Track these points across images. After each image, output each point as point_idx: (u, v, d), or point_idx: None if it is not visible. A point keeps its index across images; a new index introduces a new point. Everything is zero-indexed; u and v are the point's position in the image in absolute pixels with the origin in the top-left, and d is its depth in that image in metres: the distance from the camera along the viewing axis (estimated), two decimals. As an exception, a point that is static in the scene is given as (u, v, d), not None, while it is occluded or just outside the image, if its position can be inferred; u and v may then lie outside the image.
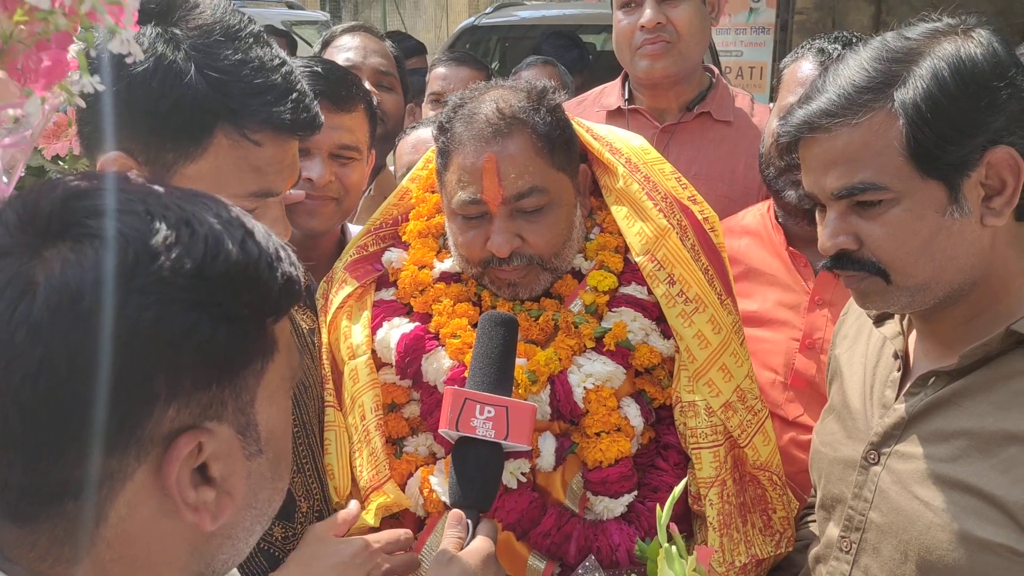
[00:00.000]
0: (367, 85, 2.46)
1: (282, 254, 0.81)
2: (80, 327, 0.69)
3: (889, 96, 1.24)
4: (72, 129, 1.40)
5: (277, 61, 1.34)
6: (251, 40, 1.32)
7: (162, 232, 0.73)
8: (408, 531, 1.51)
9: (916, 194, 1.25)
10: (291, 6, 12.90)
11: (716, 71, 2.70)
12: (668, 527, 1.29)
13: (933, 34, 1.27)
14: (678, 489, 1.31)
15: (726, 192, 2.34)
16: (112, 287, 0.70)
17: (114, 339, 0.69)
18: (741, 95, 2.69)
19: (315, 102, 1.38)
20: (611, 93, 2.73)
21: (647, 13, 2.47)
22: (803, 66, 2.01)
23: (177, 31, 1.28)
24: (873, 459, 1.39)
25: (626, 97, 2.67)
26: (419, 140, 2.47)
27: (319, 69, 1.96)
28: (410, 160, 2.44)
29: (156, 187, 0.79)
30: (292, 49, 5.21)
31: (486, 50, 6.66)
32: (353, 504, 1.51)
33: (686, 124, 2.58)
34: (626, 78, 2.71)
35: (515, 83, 1.64)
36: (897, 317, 1.46)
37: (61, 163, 1.49)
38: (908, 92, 1.22)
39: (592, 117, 2.59)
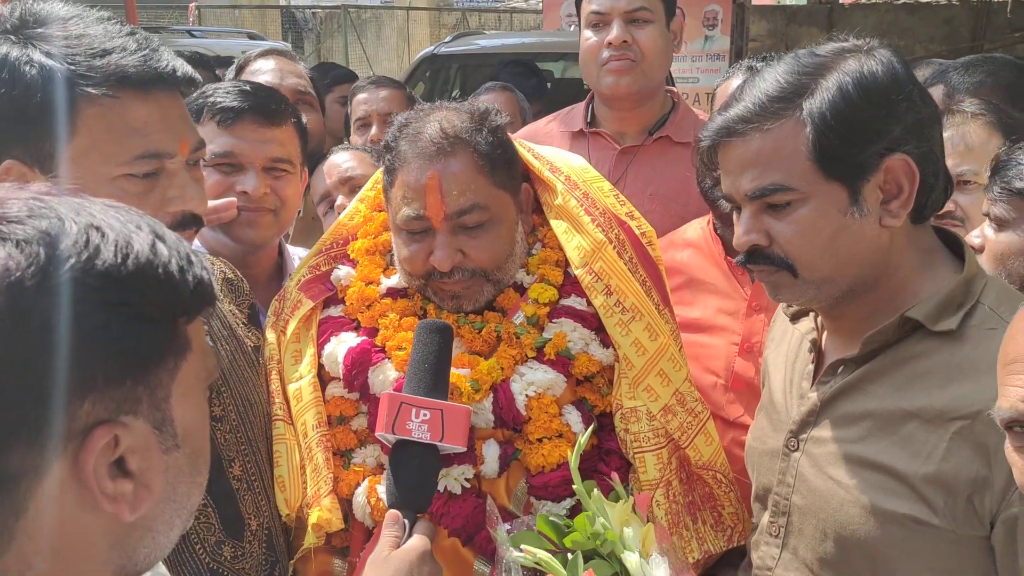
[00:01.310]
0: None
1: (193, 258, 0.84)
2: None
3: (798, 105, 1.34)
4: None
5: (126, 31, 1.37)
6: (92, 20, 1.36)
7: (72, 235, 0.76)
8: None
9: (820, 195, 1.35)
10: (253, 37, 12.93)
11: (677, 94, 2.78)
12: (610, 476, 1.44)
13: (840, 52, 1.38)
14: (583, 439, 1.42)
15: (680, 212, 2.40)
16: (23, 288, 0.72)
17: (26, 338, 0.72)
18: (705, 117, 2.77)
19: (169, 57, 1.39)
20: (575, 115, 2.80)
21: (614, 30, 2.56)
22: (734, 83, 2.12)
23: (19, 35, 1.32)
24: (793, 446, 1.48)
25: (588, 120, 2.75)
26: (330, 165, 2.52)
27: (247, 88, 2.02)
28: (323, 188, 2.50)
29: (69, 196, 0.83)
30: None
31: (446, 78, 6.74)
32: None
33: (646, 147, 2.65)
34: (590, 102, 2.78)
35: (459, 105, 1.69)
36: (812, 315, 1.55)
37: None
38: (815, 102, 1.33)
39: (556, 137, 2.67)
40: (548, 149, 1.84)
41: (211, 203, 1.50)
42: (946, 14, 9.18)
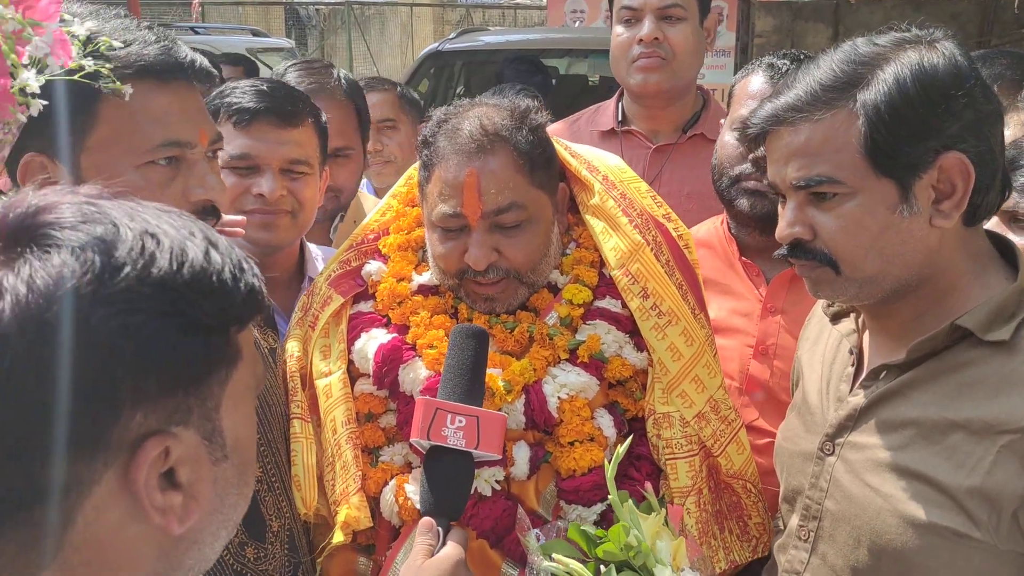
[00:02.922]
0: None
1: (244, 265, 0.83)
2: (47, 336, 0.70)
3: (852, 96, 1.30)
4: None
5: (143, 25, 1.40)
6: (110, 16, 1.39)
7: (127, 242, 0.75)
8: None
9: (869, 191, 1.31)
10: (256, 34, 12.94)
11: (708, 91, 2.75)
12: (644, 487, 1.42)
13: (900, 42, 1.33)
14: (621, 448, 1.39)
15: (720, 209, 2.38)
16: (79, 296, 0.71)
17: (81, 347, 0.71)
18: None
19: (187, 50, 1.42)
20: (604, 114, 2.77)
21: (646, 27, 2.55)
22: (753, 80, 2.08)
23: None
24: (828, 450, 1.45)
25: (619, 119, 2.72)
26: None
27: (264, 87, 2.00)
28: None
29: (122, 200, 0.81)
30: (254, 75, 5.23)
31: (450, 75, 6.71)
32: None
33: (680, 145, 2.63)
34: (620, 99, 2.76)
35: (499, 101, 1.67)
36: (852, 316, 1.52)
37: None
38: (870, 94, 1.29)
39: (585, 137, 2.64)
40: (585, 147, 1.82)
41: (225, 217, 1.51)
42: (953, 9, 9.14)
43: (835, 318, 1.55)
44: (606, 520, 1.58)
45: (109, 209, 0.78)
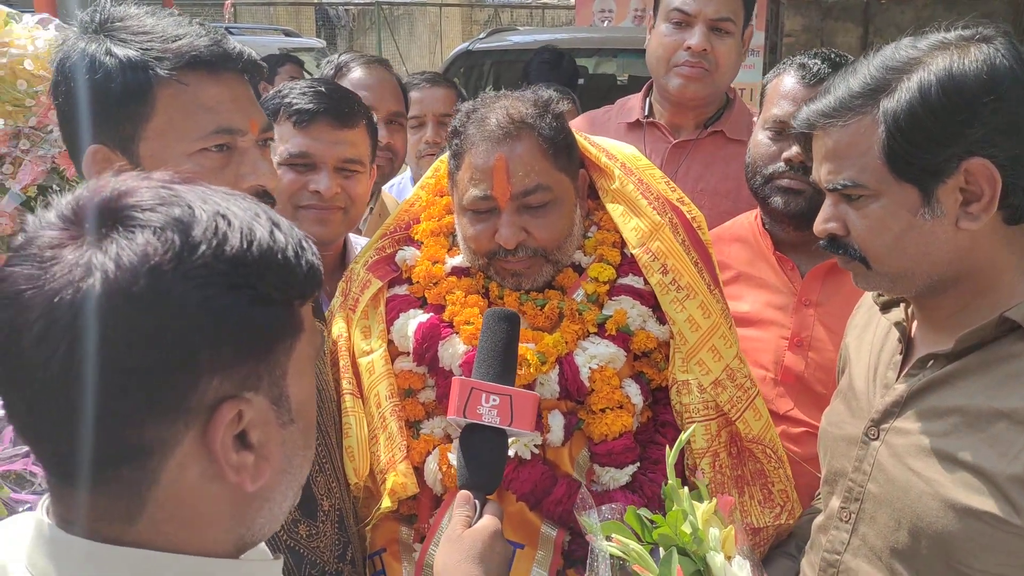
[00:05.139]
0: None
1: (305, 244, 0.88)
2: (135, 308, 0.76)
3: (877, 103, 1.34)
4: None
5: (196, 22, 1.48)
6: (164, 14, 1.47)
7: (203, 223, 0.81)
8: None
9: (891, 194, 1.35)
10: (288, 34, 13.06)
11: (733, 90, 2.76)
12: (695, 475, 1.47)
13: (939, 46, 1.34)
14: (685, 435, 1.46)
15: (730, 209, 2.41)
16: (161, 272, 0.77)
17: (164, 319, 0.77)
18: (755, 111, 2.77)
19: (233, 43, 1.49)
20: (632, 107, 2.80)
21: (698, 38, 2.53)
22: (785, 80, 2.11)
23: (98, 33, 1.44)
24: (873, 435, 1.48)
25: (646, 112, 2.75)
26: None
27: (323, 89, 2.08)
28: None
29: (192, 184, 0.89)
30: (300, 74, 5.32)
31: (480, 74, 6.75)
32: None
33: (700, 142, 2.65)
34: (647, 94, 2.78)
35: (523, 93, 1.77)
36: (902, 305, 1.55)
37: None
38: (892, 102, 1.32)
39: (611, 129, 2.68)
40: (602, 139, 1.92)
41: None
42: (985, 8, 9.05)
43: (885, 307, 1.58)
44: (636, 482, 1.67)
45: (183, 193, 0.84)
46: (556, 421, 1.66)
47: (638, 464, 1.69)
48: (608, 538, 1.37)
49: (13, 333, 0.77)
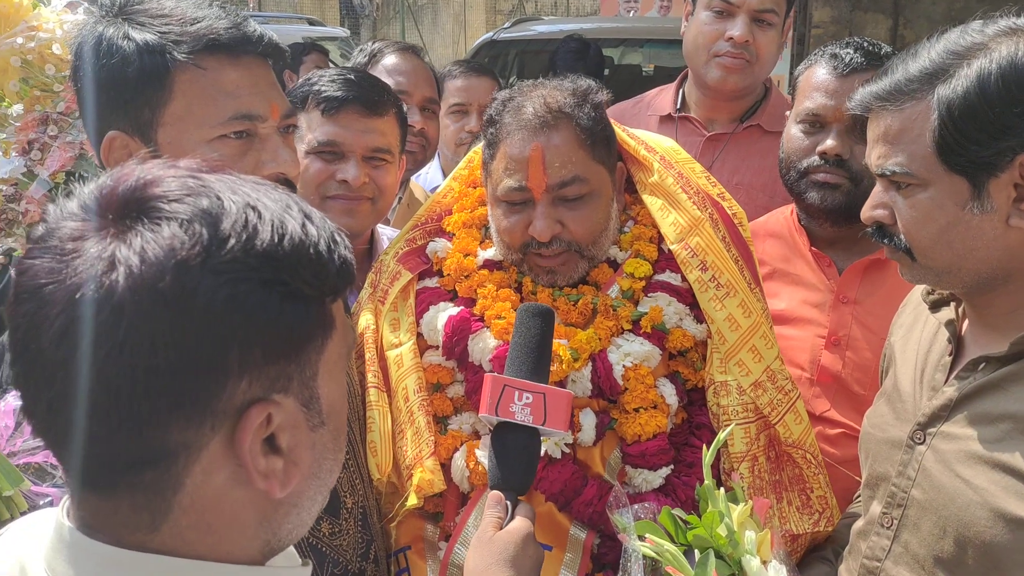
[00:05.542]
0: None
1: (337, 238, 0.84)
2: (161, 305, 0.73)
3: (932, 89, 1.28)
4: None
5: (216, 4, 1.44)
6: None
7: (232, 215, 0.77)
8: None
9: (940, 185, 1.30)
10: (312, 23, 13.06)
11: (771, 80, 2.70)
12: (732, 477, 1.42)
13: (1007, 32, 1.28)
14: (723, 434, 1.41)
15: (766, 203, 2.36)
16: (188, 267, 0.73)
17: (192, 316, 0.73)
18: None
19: (254, 26, 1.45)
20: (664, 98, 2.75)
21: (739, 27, 2.47)
22: (817, 71, 2.05)
23: (116, 17, 1.41)
24: (919, 439, 1.43)
25: (678, 105, 2.70)
26: None
27: (352, 77, 2.05)
28: None
29: (221, 173, 0.84)
30: (325, 63, 5.29)
31: (504, 64, 6.71)
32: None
33: (736, 135, 2.60)
34: (680, 85, 2.73)
35: (561, 81, 1.72)
36: (952, 304, 1.50)
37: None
38: (947, 89, 1.27)
39: (643, 121, 2.63)
40: (640, 131, 1.87)
41: None
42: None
43: (935, 306, 1.52)
44: (670, 485, 1.62)
45: (212, 183, 0.80)
46: (588, 420, 1.61)
47: (671, 467, 1.64)
48: (641, 538, 1.33)
49: (32, 330, 0.74)
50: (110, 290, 0.72)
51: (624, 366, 1.62)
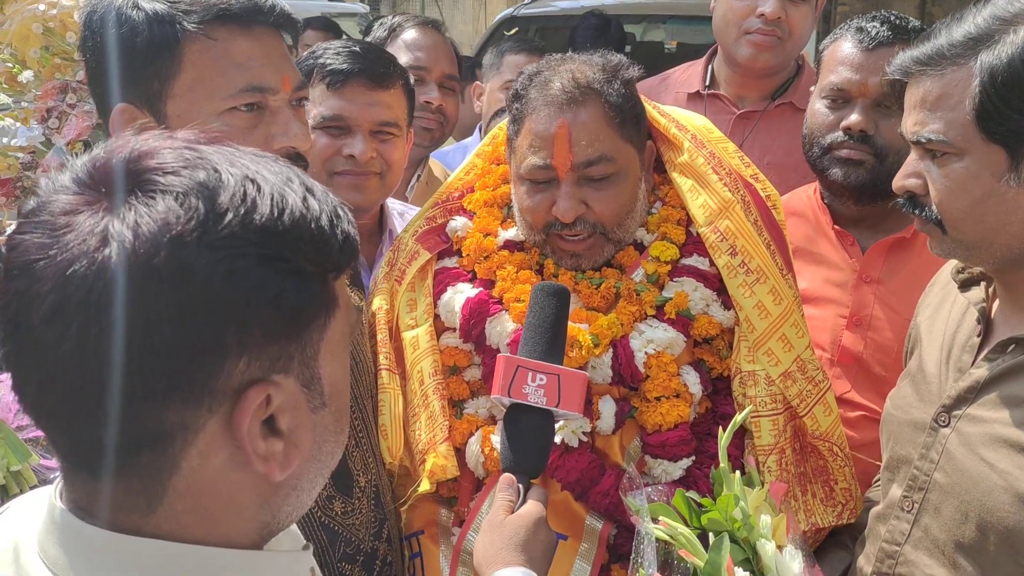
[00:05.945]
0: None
1: (340, 212, 0.82)
2: (155, 282, 0.70)
3: (976, 55, 1.25)
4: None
5: None
6: None
7: (230, 188, 0.74)
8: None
9: (977, 154, 1.26)
10: (331, -2, 12.97)
11: (804, 56, 2.63)
12: (748, 462, 1.38)
13: None
14: (740, 416, 1.38)
15: (799, 182, 2.30)
16: (184, 243, 0.71)
17: (188, 293, 0.70)
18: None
19: None
20: (693, 75, 2.70)
21: (772, 5, 2.40)
22: (843, 45, 2.00)
23: None
24: (943, 421, 1.40)
25: (707, 82, 2.64)
26: None
27: (357, 49, 2.00)
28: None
29: (219, 145, 0.81)
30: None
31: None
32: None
33: (767, 114, 2.55)
34: (709, 62, 2.68)
35: (590, 56, 1.66)
36: (983, 284, 1.46)
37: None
38: (991, 56, 1.23)
39: (671, 98, 2.58)
40: (672, 107, 1.81)
41: None
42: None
43: (964, 285, 1.49)
44: (691, 476, 1.58)
45: (209, 155, 0.77)
46: (607, 407, 1.56)
47: (693, 458, 1.58)
48: (655, 521, 1.31)
49: (23, 308, 0.71)
50: (102, 266, 0.70)
51: (646, 353, 1.56)
